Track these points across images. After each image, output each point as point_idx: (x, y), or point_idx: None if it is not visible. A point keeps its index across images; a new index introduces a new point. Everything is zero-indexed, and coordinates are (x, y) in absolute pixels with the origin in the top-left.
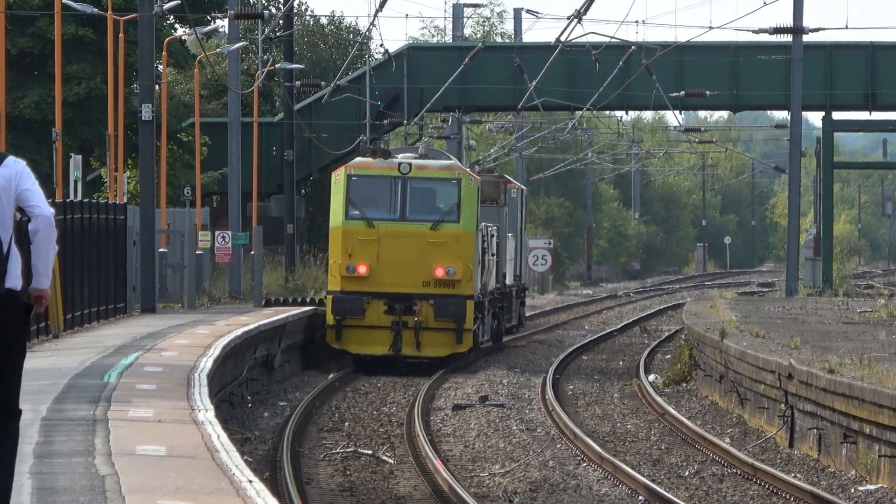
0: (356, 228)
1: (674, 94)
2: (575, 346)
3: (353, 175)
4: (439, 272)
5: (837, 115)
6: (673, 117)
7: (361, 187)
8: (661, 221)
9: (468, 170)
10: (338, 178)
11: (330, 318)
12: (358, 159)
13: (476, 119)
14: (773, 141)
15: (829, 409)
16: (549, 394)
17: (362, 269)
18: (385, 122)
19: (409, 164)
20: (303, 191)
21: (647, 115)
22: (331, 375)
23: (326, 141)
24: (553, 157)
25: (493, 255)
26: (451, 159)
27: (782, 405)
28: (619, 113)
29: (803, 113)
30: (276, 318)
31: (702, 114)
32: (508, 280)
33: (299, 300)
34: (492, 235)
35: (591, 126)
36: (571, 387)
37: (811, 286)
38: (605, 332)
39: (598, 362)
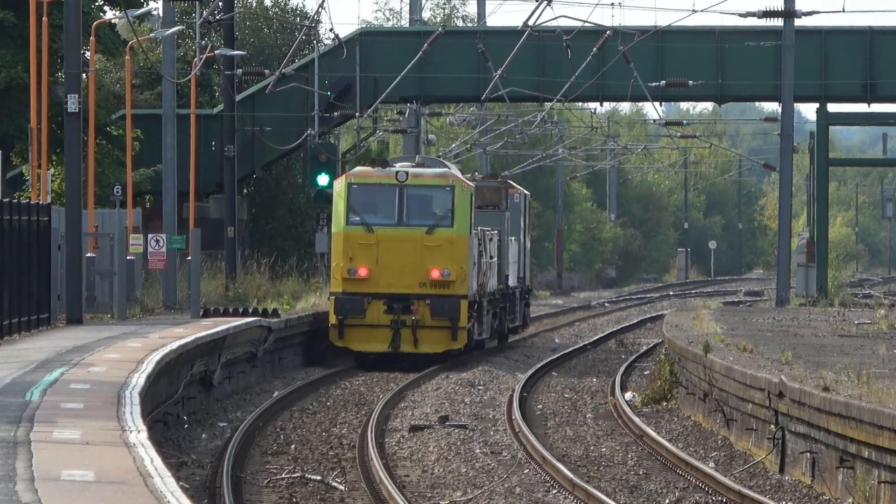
0: (356, 233)
1: (653, 84)
2: (544, 362)
3: (353, 183)
4: (435, 274)
5: (833, 108)
6: (652, 109)
7: (361, 195)
8: (639, 224)
9: (462, 177)
10: (339, 186)
11: (332, 318)
12: (358, 168)
13: (436, 111)
14: (763, 135)
15: (823, 431)
16: (516, 413)
17: (363, 272)
18: (335, 114)
19: (406, 173)
20: (245, 190)
21: (624, 107)
22: (275, 393)
23: (271, 135)
24: (520, 153)
25: (491, 257)
26: (446, 167)
27: (772, 426)
28: (592, 105)
29: (795, 105)
30: (215, 330)
31: (684, 106)
32: (511, 282)
33: (241, 310)
34: (490, 239)
35: (563, 119)
36: (540, 406)
37: (804, 295)
38: (577, 346)
39: (569, 379)
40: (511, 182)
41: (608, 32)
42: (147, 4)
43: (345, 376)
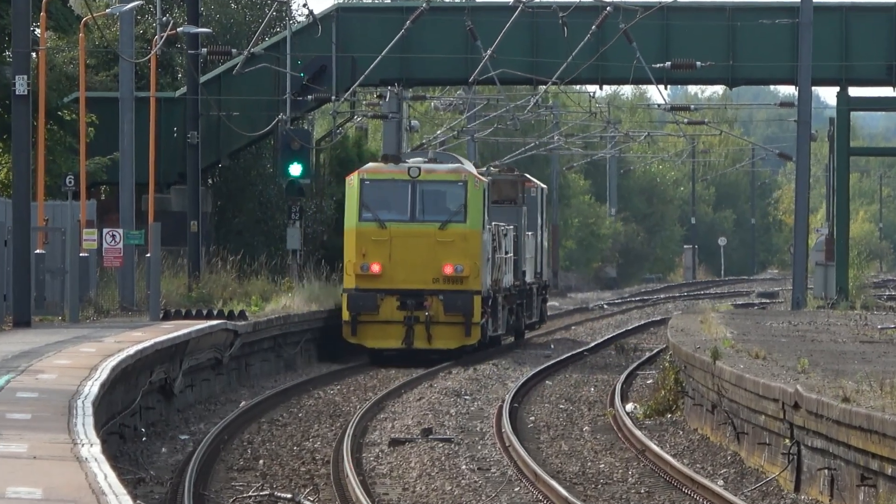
0: (369, 229)
1: (658, 66)
2: (538, 369)
3: (365, 179)
4: (448, 269)
5: (854, 91)
6: (657, 93)
7: (374, 191)
8: (641, 219)
9: (475, 172)
10: (351, 182)
11: (346, 315)
12: (370, 164)
13: (419, 95)
14: (778, 122)
15: (843, 446)
16: (506, 426)
17: (375, 268)
18: (309, 97)
19: (419, 168)
20: (210, 180)
21: (626, 90)
22: (242, 403)
23: (238, 120)
24: (512, 141)
25: (507, 252)
26: (459, 162)
27: (787, 440)
28: (591, 88)
29: (814, 88)
30: (176, 334)
31: (692, 89)
32: (528, 277)
33: (205, 312)
34: (505, 234)
35: (558, 103)
36: (532, 417)
37: (822, 297)
38: (573, 352)
39: (565, 388)
40: (528, 176)
41: (608, 8)
42: None
43: (318, 385)
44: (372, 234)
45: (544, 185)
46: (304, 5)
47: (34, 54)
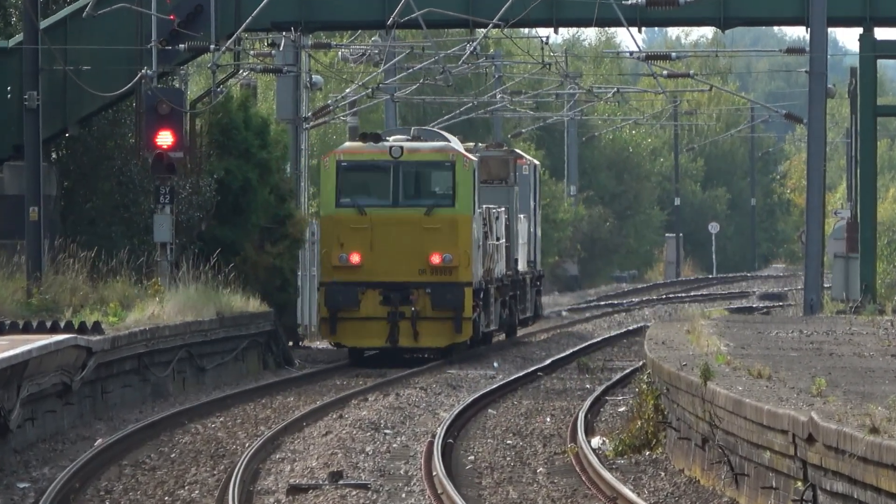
0: (348, 216)
1: (629, 3)
2: (479, 394)
3: (342, 161)
4: (435, 259)
5: (882, 34)
6: (628, 38)
7: (352, 173)
8: (610, 200)
9: (463, 150)
10: (327, 164)
11: (323, 311)
12: (347, 144)
13: (323, 42)
14: (784, 74)
15: (871, 490)
16: (438, 467)
17: (355, 259)
18: (181, 47)
19: (401, 148)
20: (54, 154)
21: (589, 34)
22: (98, 441)
23: (90, 77)
24: (443, 101)
25: (498, 238)
26: (445, 140)
27: (799, 483)
28: (544, 32)
29: (830, 30)
30: (12, 352)
31: (672, 33)
32: (521, 266)
33: (49, 324)
34: (497, 218)
35: (502, 52)
36: (472, 457)
37: (843, 299)
38: (524, 372)
39: (513, 418)
40: (519, 152)
41: None
42: None
43: (196, 416)
44: (350, 222)
45: (537, 162)
46: None
47: None
